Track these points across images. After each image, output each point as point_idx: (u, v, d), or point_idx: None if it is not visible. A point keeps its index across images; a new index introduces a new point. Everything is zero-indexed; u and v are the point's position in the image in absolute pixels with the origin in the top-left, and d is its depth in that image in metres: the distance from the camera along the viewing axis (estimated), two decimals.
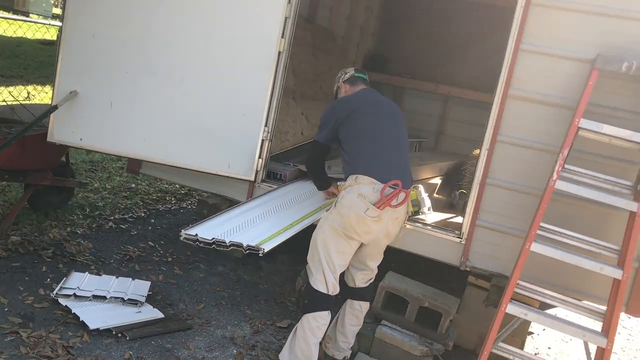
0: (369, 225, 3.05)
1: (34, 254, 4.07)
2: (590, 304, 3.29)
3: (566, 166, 3.18)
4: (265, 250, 2.97)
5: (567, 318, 3.58)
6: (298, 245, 3.43)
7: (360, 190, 3.05)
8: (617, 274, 3.00)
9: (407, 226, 3.73)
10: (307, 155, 3.68)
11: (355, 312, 3.38)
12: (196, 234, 3.02)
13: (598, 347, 3.05)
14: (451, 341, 3.69)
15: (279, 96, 4.06)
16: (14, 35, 11.42)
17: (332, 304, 3.18)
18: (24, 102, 5.01)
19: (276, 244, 3.10)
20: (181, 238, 3.06)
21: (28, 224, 4.53)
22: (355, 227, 3.05)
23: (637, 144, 3.15)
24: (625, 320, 5.69)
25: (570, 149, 3.17)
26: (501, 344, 3.21)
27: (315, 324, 3.10)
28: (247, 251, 2.97)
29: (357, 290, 3.38)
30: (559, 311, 4.57)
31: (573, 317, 4.22)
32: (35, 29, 11.76)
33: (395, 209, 3.08)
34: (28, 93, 8.66)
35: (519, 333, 3.88)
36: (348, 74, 3.59)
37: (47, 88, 9.03)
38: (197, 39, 4.05)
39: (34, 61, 11.19)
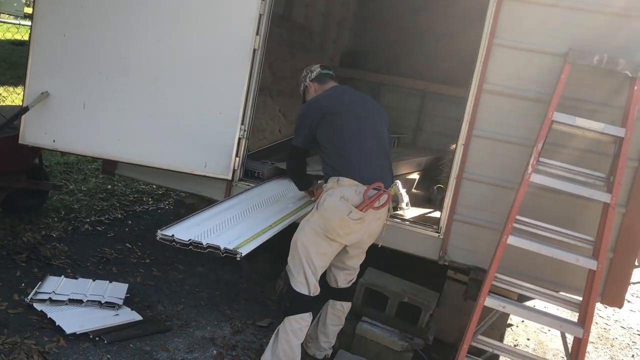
0: (351, 227, 3.04)
1: (7, 259, 4.00)
2: (567, 295, 3.34)
3: (541, 159, 3.21)
4: (243, 254, 2.94)
5: (545, 309, 3.63)
6: (277, 244, 3.41)
7: (342, 192, 3.02)
8: (592, 264, 3.04)
9: (386, 222, 3.74)
10: (287, 161, 3.58)
11: (337, 312, 3.37)
12: (172, 235, 2.98)
13: (575, 337, 3.10)
14: (431, 335, 3.71)
15: (255, 94, 4.03)
16: None
17: (313, 304, 3.17)
18: None
19: (254, 247, 3.06)
20: (157, 238, 3.02)
21: (1, 228, 4.45)
22: (337, 230, 3.04)
23: (609, 136, 3.20)
24: (601, 310, 5.79)
25: (545, 142, 3.20)
26: (480, 337, 3.24)
27: (297, 325, 3.08)
28: (225, 254, 2.94)
29: (339, 291, 3.37)
30: (537, 303, 4.63)
31: (552, 309, 4.28)
32: (5, 28, 11.52)
33: (377, 210, 3.07)
34: None
35: (498, 325, 3.91)
36: (314, 72, 3.48)
37: (19, 89, 8.86)
38: (170, 37, 3.99)
39: (5, 62, 10.99)
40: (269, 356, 3.12)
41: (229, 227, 3.28)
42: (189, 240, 2.96)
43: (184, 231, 3.08)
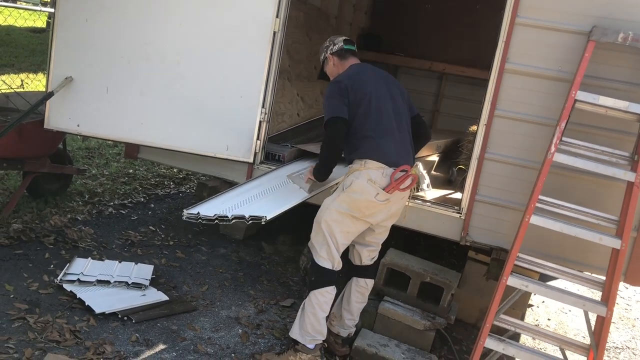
0: (377, 208, 3.10)
1: (36, 241, 4.09)
2: (590, 274, 3.34)
3: (564, 139, 3.20)
4: (268, 218, 2.98)
5: (565, 289, 3.63)
6: (298, 226, 3.46)
7: (369, 175, 3.06)
8: (615, 243, 3.03)
9: (408, 203, 3.76)
10: (325, 135, 3.22)
11: (361, 289, 3.41)
12: (198, 213, 3.05)
13: (598, 316, 3.10)
14: (453, 315, 3.74)
15: (275, 77, 4.05)
16: (4, 24, 11.29)
17: (337, 278, 3.22)
18: (18, 90, 4.97)
19: (278, 213, 3.10)
20: (183, 217, 3.08)
21: (28, 211, 4.54)
22: (364, 211, 3.09)
23: (633, 114, 3.17)
24: (622, 291, 5.77)
25: (568, 121, 3.18)
26: (502, 316, 3.25)
27: (323, 299, 3.14)
28: (250, 221, 2.98)
29: (363, 268, 3.41)
30: (558, 282, 4.63)
31: (572, 289, 4.28)
32: (25, 16, 11.62)
33: (403, 192, 3.14)
34: (22, 81, 8.60)
35: (519, 305, 3.94)
36: (337, 45, 3.41)
37: (40, 76, 8.97)
38: (191, 21, 4.01)
39: (24, 49, 11.09)
40: (297, 330, 3.18)
41: (252, 203, 3.34)
42: (215, 215, 3.02)
43: (209, 209, 3.14)
